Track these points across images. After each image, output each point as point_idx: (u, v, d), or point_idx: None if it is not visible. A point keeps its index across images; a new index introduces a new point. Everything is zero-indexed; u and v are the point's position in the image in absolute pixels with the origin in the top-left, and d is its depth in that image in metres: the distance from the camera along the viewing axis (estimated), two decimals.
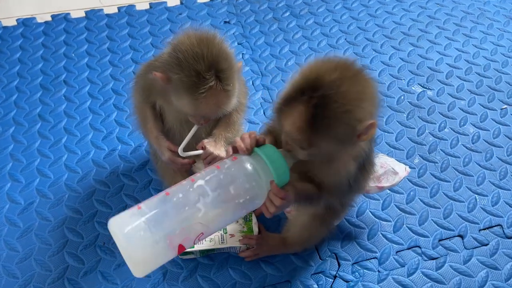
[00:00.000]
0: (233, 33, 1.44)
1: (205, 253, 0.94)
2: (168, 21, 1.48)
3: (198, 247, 0.92)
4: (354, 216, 1.03)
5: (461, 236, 1.01)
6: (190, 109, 0.78)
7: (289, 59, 1.37)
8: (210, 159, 0.86)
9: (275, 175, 0.67)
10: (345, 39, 1.45)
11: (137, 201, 1.03)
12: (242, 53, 1.38)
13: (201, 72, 0.72)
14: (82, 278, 0.92)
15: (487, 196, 1.08)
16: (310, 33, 1.46)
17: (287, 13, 1.53)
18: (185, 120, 0.86)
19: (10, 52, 1.36)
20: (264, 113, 1.23)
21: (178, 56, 0.74)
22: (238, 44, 1.41)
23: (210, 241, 0.93)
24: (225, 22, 1.48)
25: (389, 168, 0.97)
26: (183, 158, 0.87)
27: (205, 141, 0.86)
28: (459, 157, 1.16)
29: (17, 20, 1.46)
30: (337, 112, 0.61)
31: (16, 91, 1.26)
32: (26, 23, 1.45)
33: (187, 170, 0.92)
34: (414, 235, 1.01)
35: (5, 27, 1.44)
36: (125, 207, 1.02)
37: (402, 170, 0.98)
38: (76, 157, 1.11)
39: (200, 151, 0.86)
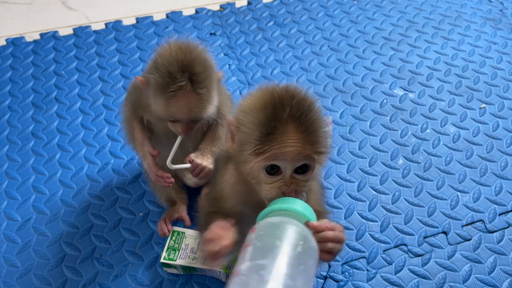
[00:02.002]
0: (219, 44, 1.48)
1: (188, 270, 0.96)
2: (155, 35, 1.51)
3: (180, 262, 0.93)
4: (342, 218, 1.07)
5: (445, 233, 1.06)
6: (162, 110, 0.80)
7: (275, 68, 1.41)
8: (199, 171, 0.88)
9: (306, 217, 0.58)
10: (328, 46, 1.49)
11: (132, 213, 1.07)
12: (229, 64, 1.42)
13: (173, 72, 0.76)
14: None
15: (468, 193, 1.13)
16: (294, 41, 1.50)
17: (271, 23, 1.57)
18: (172, 133, 0.88)
19: (0, 72, 1.39)
20: None
21: (157, 60, 0.78)
22: (224, 55, 1.45)
23: (193, 259, 0.94)
24: (211, 33, 1.52)
25: None
26: (171, 170, 0.90)
27: (192, 155, 0.89)
28: (441, 157, 1.20)
29: (6, 40, 1.49)
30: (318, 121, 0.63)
31: (8, 110, 1.29)
32: (15, 42, 1.48)
33: (170, 183, 0.91)
34: (400, 233, 1.05)
35: None
36: (120, 220, 1.05)
37: None
38: (70, 173, 1.14)
39: (188, 165, 0.88)
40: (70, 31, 1.53)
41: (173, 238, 0.98)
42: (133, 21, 1.56)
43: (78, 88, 1.35)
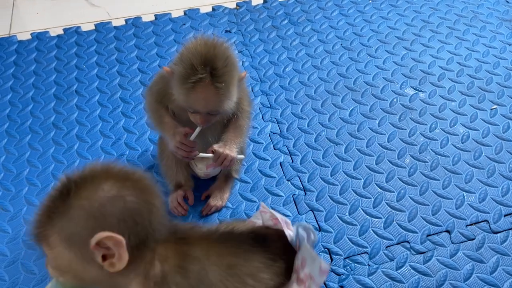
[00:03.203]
0: (234, 42, 1.52)
1: None
2: (172, 31, 1.56)
3: None
4: (347, 213, 1.10)
5: (449, 232, 1.07)
6: (183, 100, 0.85)
7: (287, 65, 1.44)
8: (222, 159, 0.93)
9: None
10: (341, 44, 1.51)
11: None
12: (242, 61, 1.45)
13: (195, 64, 0.80)
14: None
15: (474, 193, 1.14)
16: (307, 39, 1.53)
17: (286, 21, 1.60)
18: (193, 124, 0.92)
19: (25, 65, 1.46)
20: (262, 117, 1.30)
21: (183, 52, 0.83)
22: (238, 52, 1.48)
23: None
24: (226, 31, 1.56)
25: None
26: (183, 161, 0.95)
27: (215, 145, 0.94)
28: (448, 156, 1.21)
29: (31, 34, 1.56)
30: None
31: (31, 101, 1.35)
32: (40, 37, 1.55)
33: (192, 158, 0.96)
34: (403, 231, 1.07)
35: (20, 41, 1.54)
36: None
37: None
38: (87, 162, 1.20)
39: (211, 154, 0.94)
40: (92, 27, 1.59)
41: None
42: (152, 18, 1.61)
43: (98, 81, 1.40)
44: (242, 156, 1.02)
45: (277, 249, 0.74)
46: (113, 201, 0.57)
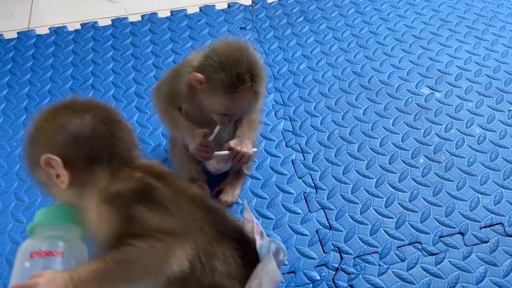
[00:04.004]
0: (248, 39, 1.52)
1: None
2: (187, 27, 1.57)
3: None
4: (358, 213, 1.09)
5: (462, 234, 1.05)
6: (224, 107, 0.86)
7: (301, 63, 1.43)
8: (239, 157, 0.95)
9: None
10: (357, 42, 1.50)
11: None
12: None
13: (241, 74, 0.82)
14: None
15: (490, 195, 1.11)
16: (322, 37, 1.52)
17: (301, 18, 1.59)
18: (208, 122, 0.93)
19: (43, 59, 1.48)
20: (275, 114, 1.30)
21: (220, 59, 0.83)
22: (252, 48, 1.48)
23: None
24: (241, 28, 1.56)
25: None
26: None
27: (231, 142, 0.95)
28: (464, 157, 1.19)
29: (49, 28, 1.58)
30: None
31: (48, 94, 1.38)
32: (57, 31, 1.57)
33: (211, 158, 0.98)
34: (415, 231, 1.06)
35: (38, 35, 1.56)
36: None
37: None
38: None
39: (227, 152, 0.94)
40: (109, 22, 1.61)
41: None
42: (168, 14, 1.62)
43: (113, 76, 1.42)
44: (255, 149, 1.02)
45: (248, 256, 0.72)
46: (60, 128, 0.66)
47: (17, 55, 1.49)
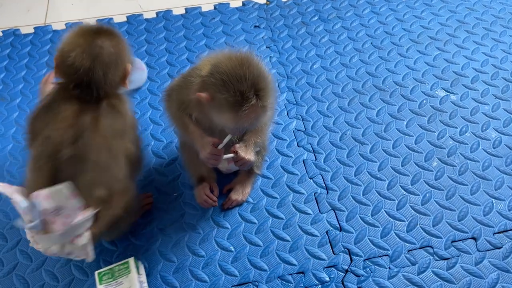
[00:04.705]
0: (262, 37, 1.51)
1: None
2: (202, 25, 1.57)
3: None
4: (369, 214, 1.08)
5: (475, 239, 1.04)
6: (232, 123, 0.85)
7: (315, 62, 1.43)
8: (241, 163, 0.96)
9: None
10: (371, 43, 1.49)
11: (165, 194, 1.13)
12: (270, 56, 1.45)
13: (244, 92, 0.80)
14: None
15: (504, 200, 1.10)
16: (336, 37, 1.51)
17: (316, 17, 1.58)
18: (218, 130, 0.93)
19: None
20: (287, 114, 1.29)
21: (223, 78, 0.81)
22: (266, 47, 1.48)
23: None
24: (255, 26, 1.56)
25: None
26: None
27: (237, 146, 0.95)
28: (478, 161, 1.17)
29: (65, 24, 1.60)
30: None
31: None
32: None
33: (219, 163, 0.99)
34: (427, 235, 1.04)
35: (55, 31, 1.58)
36: (155, 199, 1.12)
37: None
38: None
39: (232, 155, 0.95)
40: (124, 19, 1.62)
41: (122, 266, 0.95)
42: (182, 11, 1.62)
43: None
44: (258, 149, 1.03)
45: None
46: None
47: (33, 50, 1.51)
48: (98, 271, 0.95)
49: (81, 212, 0.82)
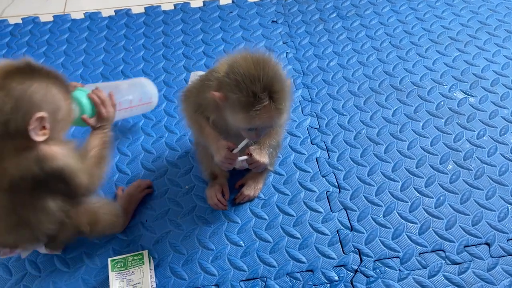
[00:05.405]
0: (279, 32, 1.50)
1: None
2: (219, 19, 1.56)
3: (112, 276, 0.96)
4: (381, 215, 1.07)
5: (488, 244, 1.02)
6: (244, 124, 0.85)
7: (331, 60, 1.41)
8: (255, 166, 0.97)
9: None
10: (390, 42, 1.47)
11: (177, 185, 1.13)
12: (286, 52, 1.44)
13: (257, 93, 0.80)
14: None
15: None
16: (355, 34, 1.49)
17: (334, 14, 1.56)
18: (235, 133, 0.93)
19: (77, 43, 1.50)
20: (302, 111, 1.28)
21: (237, 78, 0.81)
22: (283, 43, 1.47)
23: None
24: (273, 21, 1.55)
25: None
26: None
27: (251, 148, 0.95)
28: (495, 166, 1.15)
29: (84, 13, 1.61)
30: None
31: (80, 79, 1.40)
32: (92, 17, 1.60)
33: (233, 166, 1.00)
34: (439, 239, 1.03)
35: (73, 20, 1.59)
36: (167, 190, 1.12)
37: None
38: (127, 142, 1.23)
39: (246, 157, 0.95)
40: (142, 10, 1.62)
41: (136, 257, 0.98)
42: (200, 4, 1.62)
43: (143, 64, 1.43)
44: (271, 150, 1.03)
45: None
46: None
47: (52, 38, 1.52)
48: (111, 258, 0.96)
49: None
